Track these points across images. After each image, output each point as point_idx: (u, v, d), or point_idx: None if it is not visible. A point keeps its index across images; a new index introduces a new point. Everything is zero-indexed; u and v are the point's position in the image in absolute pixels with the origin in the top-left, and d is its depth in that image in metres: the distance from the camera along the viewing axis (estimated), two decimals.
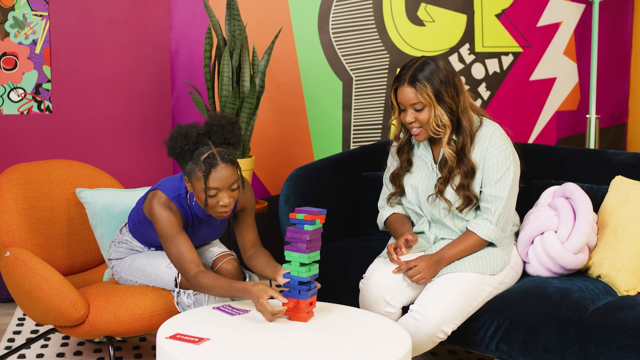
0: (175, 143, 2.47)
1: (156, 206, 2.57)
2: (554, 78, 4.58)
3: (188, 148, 2.46)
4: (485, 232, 2.66)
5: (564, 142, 4.63)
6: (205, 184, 2.44)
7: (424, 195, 2.76)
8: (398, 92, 2.64)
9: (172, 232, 2.55)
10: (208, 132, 2.50)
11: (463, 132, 2.65)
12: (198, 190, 2.49)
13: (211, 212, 2.52)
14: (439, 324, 2.53)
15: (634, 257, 2.65)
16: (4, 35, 3.91)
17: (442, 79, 2.59)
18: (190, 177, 2.50)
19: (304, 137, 4.34)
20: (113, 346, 2.77)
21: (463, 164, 2.66)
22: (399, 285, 2.64)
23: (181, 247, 2.54)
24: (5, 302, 3.87)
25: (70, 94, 4.04)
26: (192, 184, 2.51)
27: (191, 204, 2.62)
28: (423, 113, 2.62)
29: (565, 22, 4.55)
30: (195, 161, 2.47)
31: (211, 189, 2.45)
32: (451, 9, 4.41)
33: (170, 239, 2.55)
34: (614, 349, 2.40)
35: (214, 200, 2.47)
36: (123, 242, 2.86)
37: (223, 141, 2.51)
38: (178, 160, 2.51)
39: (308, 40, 4.28)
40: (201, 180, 2.45)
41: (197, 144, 2.48)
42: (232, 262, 2.78)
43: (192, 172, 2.48)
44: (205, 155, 2.45)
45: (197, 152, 2.47)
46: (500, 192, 2.65)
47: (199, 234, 2.74)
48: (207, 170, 2.43)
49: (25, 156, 3.96)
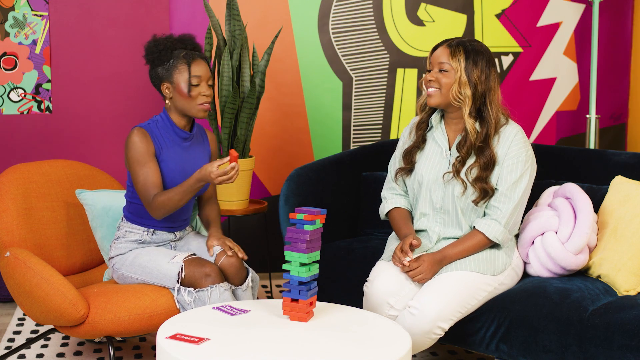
0: (157, 43, 2.80)
1: (130, 137, 2.76)
2: (554, 78, 4.58)
3: (169, 46, 2.78)
4: (494, 233, 2.65)
5: (564, 142, 4.63)
6: (189, 72, 2.74)
7: (431, 183, 2.73)
8: (434, 52, 2.71)
9: (141, 159, 2.73)
10: (180, 39, 2.83)
11: (487, 124, 2.66)
12: (180, 84, 2.75)
13: (192, 106, 2.77)
14: (434, 319, 2.52)
15: (634, 257, 2.65)
16: (4, 35, 3.91)
17: (479, 57, 2.65)
18: (170, 74, 2.76)
19: (304, 137, 4.34)
20: (113, 346, 2.77)
21: (483, 155, 2.65)
22: (402, 289, 2.63)
23: (148, 172, 2.72)
24: (5, 302, 3.87)
25: (70, 94, 4.04)
26: (172, 82, 2.76)
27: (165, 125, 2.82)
28: (447, 76, 2.65)
29: (565, 22, 4.55)
30: (175, 57, 2.77)
31: (195, 77, 2.75)
32: (451, 9, 4.41)
33: (139, 164, 2.73)
34: (614, 349, 2.40)
35: (197, 91, 2.75)
36: (122, 236, 2.86)
37: (193, 47, 2.84)
38: (158, 59, 2.77)
39: (308, 40, 4.28)
40: (184, 72, 2.75)
41: (175, 45, 2.80)
42: (234, 256, 2.78)
43: (174, 68, 2.76)
44: (184, 52, 2.78)
45: (175, 51, 2.79)
46: (514, 194, 2.65)
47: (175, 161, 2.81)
48: (189, 61, 2.75)
49: (25, 156, 3.96)
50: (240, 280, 2.78)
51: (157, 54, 2.79)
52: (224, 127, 3.65)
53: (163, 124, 2.82)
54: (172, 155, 2.81)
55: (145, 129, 2.78)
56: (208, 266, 2.69)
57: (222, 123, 3.65)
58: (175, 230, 2.92)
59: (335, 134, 4.37)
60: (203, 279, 2.67)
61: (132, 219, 2.86)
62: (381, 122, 4.40)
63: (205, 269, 2.68)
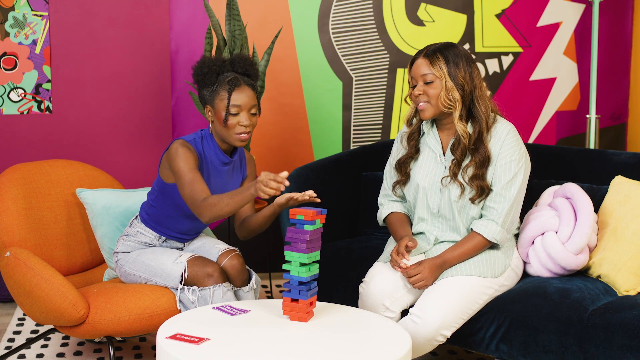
0: (203, 64, 2.69)
1: (176, 146, 2.65)
2: (554, 78, 4.59)
3: (215, 69, 2.67)
4: (491, 234, 2.64)
5: (564, 142, 4.63)
6: (229, 101, 2.63)
7: (427, 189, 2.73)
8: (413, 66, 2.69)
9: (188, 167, 2.61)
10: (231, 61, 2.72)
11: (479, 121, 2.65)
12: (219, 111, 2.65)
13: (230, 135, 2.66)
14: (438, 328, 2.52)
15: (634, 257, 2.65)
16: (4, 35, 3.91)
17: (457, 57, 2.64)
18: (212, 99, 2.67)
19: (304, 137, 4.34)
20: (113, 346, 2.77)
21: (478, 152, 2.64)
22: (398, 291, 2.63)
23: (196, 176, 2.60)
24: (5, 302, 3.87)
25: (70, 94, 4.04)
26: (213, 107, 2.67)
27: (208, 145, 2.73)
28: (433, 87, 2.63)
29: (565, 22, 4.55)
30: (219, 82, 2.66)
31: (234, 106, 2.63)
32: (451, 9, 4.41)
33: (186, 173, 2.61)
34: (614, 349, 2.40)
35: (235, 120, 2.64)
36: (133, 235, 2.86)
37: (244, 71, 2.72)
38: (202, 81, 2.68)
39: (308, 40, 4.28)
40: (224, 99, 2.64)
41: (222, 68, 2.69)
42: (237, 258, 2.79)
43: (216, 93, 2.66)
44: (230, 77, 2.66)
45: (221, 75, 2.68)
46: (509, 193, 2.64)
47: (211, 182, 2.76)
48: (231, 88, 2.64)
49: (25, 156, 3.96)
50: (241, 282, 2.78)
51: (201, 76, 2.69)
52: None
53: (207, 144, 2.73)
54: (210, 175, 2.76)
55: (190, 143, 2.68)
56: (211, 266, 2.69)
57: None
58: (186, 241, 2.92)
59: (335, 134, 4.37)
60: (205, 279, 2.68)
61: (147, 222, 2.86)
62: (381, 122, 4.40)
63: (207, 269, 2.68)
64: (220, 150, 2.74)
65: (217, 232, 4.10)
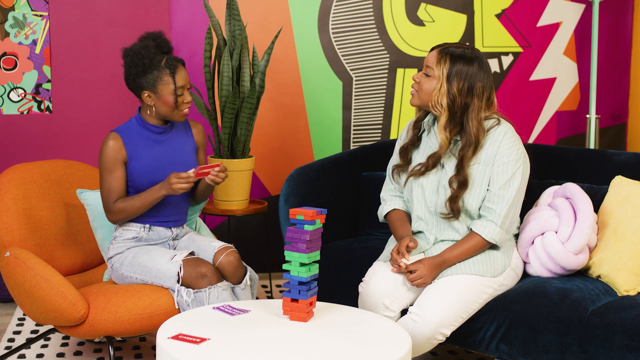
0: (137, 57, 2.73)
1: (104, 142, 2.80)
2: (554, 78, 4.58)
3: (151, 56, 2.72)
4: (490, 234, 2.64)
5: (564, 142, 4.63)
6: (175, 84, 2.74)
7: (425, 186, 2.73)
8: (429, 53, 2.69)
9: (108, 166, 2.78)
10: (156, 44, 2.77)
11: (467, 137, 2.62)
12: (166, 95, 2.75)
13: (175, 114, 2.79)
14: (437, 326, 2.52)
15: (634, 257, 2.65)
16: (4, 35, 3.91)
17: (466, 68, 2.60)
18: (155, 86, 2.74)
19: (304, 137, 4.34)
20: (113, 346, 2.77)
21: (460, 174, 2.63)
22: (398, 290, 2.63)
23: (112, 181, 2.78)
24: (5, 302, 3.87)
25: (70, 94, 4.04)
26: (157, 93, 2.75)
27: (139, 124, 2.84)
28: (428, 81, 2.63)
29: (565, 22, 4.55)
30: (155, 67, 2.73)
31: (180, 87, 2.75)
32: (451, 9, 4.41)
33: (106, 171, 2.79)
34: (614, 349, 2.40)
35: (181, 100, 2.77)
36: (119, 236, 2.87)
37: (168, 49, 2.81)
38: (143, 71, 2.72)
39: (308, 40, 4.28)
40: (169, 84, 2.74)
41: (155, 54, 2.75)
42: (233, 254, 2.79)
43: (158, 79, 2.74)
44: (164, 60, 2.76)
45: (155, 60, 2.75)
46: (507, 194, 2.63)
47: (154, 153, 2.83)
48: (172, 71, 2.74)
49: (25, 156, 3.96)
50: (238, 278, 2.78)
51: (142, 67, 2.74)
52: (224, 127, 3.65)
53: (137, 126, 2.86)
54: (147, 152, 2.84)
55: (120, 133, 2.82)
56: (204, 266, 2.69)
57: (222, 123, 3.65)
58: (172, 226, 2.92)
59: (335, 134, 4.37)
60: (199, 280, 2.67)
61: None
62: (381, 122, 4.40)
63: (201, 269, 2.68)
64: (151, 124, 2.85)
65: (216, 232, 4.10)
